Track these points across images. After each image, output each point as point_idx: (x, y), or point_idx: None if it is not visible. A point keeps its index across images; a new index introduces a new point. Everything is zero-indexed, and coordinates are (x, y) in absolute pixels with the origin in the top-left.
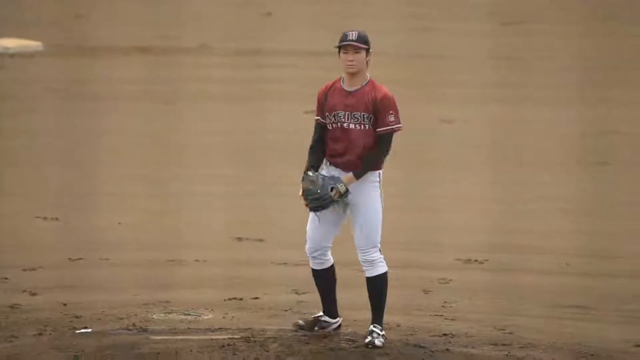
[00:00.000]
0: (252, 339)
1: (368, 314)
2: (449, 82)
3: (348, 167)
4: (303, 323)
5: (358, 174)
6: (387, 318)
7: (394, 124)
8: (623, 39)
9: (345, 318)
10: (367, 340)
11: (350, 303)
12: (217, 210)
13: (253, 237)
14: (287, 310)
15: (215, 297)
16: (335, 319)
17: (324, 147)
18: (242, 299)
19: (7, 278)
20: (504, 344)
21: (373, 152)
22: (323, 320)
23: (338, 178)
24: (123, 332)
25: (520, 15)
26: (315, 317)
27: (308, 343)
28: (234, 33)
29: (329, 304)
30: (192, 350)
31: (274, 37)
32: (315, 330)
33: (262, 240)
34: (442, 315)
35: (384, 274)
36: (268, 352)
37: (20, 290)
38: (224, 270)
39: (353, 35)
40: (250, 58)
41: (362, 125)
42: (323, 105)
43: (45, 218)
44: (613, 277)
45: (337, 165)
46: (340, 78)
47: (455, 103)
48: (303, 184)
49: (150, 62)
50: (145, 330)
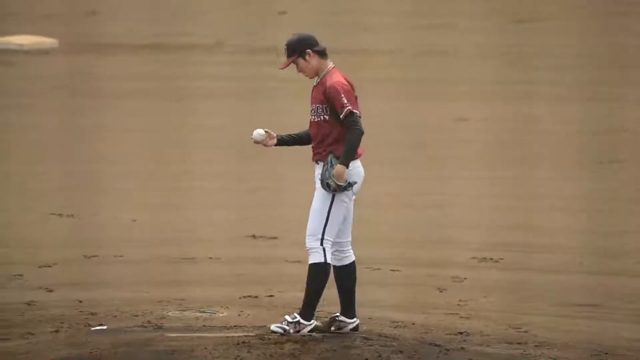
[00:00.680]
0: (267, 337)
1: (381, 312)
2: (460, 79)
3: (316, 159)
4: (320, 324)
5: (343, 162)
6: (401, 316)
7: (347, 105)
8: (633, 37)
9: (358, 315)
10: (272, 327)
11: (363, 300)
12: (229, 208)
13: (267, 234)
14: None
15: (230, 294)
16: (352, 319)
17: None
18: (257, 297)
19: (22, 275)
20: (519, 343)
21: (347, 139)
22: (340, 320)
23: (331, 172)
24: (138, 329)
25: (530, 13)
26: (333, 316)
27: (322, 341)
28: (248, 31)
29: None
30: (207, 348)
31: (286, 35)
32: (332, 330)
33: (275, 238)
34: (457, 314)
35: (314, 265)
36: (283, 350)
37: (36, 287)
38: (238, 268)
39: (284, 50)
40: (263, 56)
41: (320, 117)
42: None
43: (61, 215)
44: (626, 275)
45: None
46: None
47: (466, 101)
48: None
49: (162, 59)
50: (161, 328)
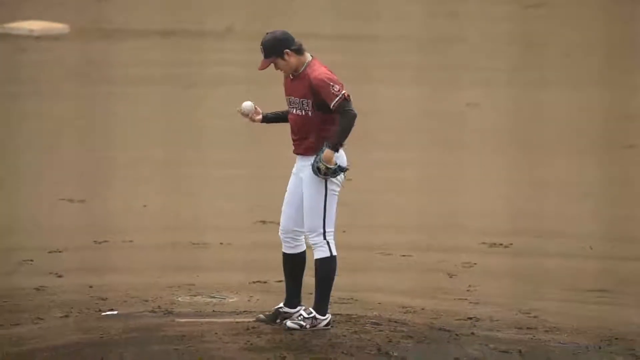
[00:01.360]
0: (277, 322)
1: (391, 297)
2: (472, 66)
3: (298, 152)
4: (264, 317)
5: (332, 146)
6: (411, 301)
7: (339, 92)
8: None
9: (369, 301)
10: (288, 323)
11: (373, 286)
12: (239, 193)
13: (277, 220)
14: (311, 293)
15: (240, 280)
16: (295, 309)
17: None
18: (266, 282)
19: (32, 260)
20: (529, 328)
21: (340, 124)
22: (284, 312)
23: (319, 156)
24: (148, 314)
25: None
26: (276, 308)
27: (332, 326)
28: (259, 17)
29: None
30: (217, 333)
31: (297, 21)
32: (277, 323)
33: None
34: (466, 299)
35: (321, 260)
36: (293, 335)
37: (46, 273)
38: (248, 253)
39: (262, 51)
40: None
41: (303, 111)
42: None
43: (71, 200)
44: (636, 260)
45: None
46: None
47: (479, 87)
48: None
49: (174, 45)
50: (171, 313)
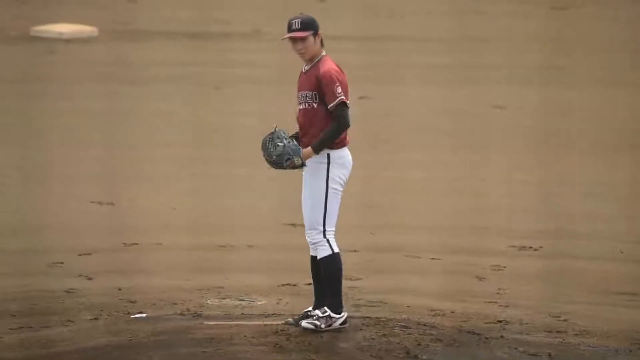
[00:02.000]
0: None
1: (420, 300)
2: (497, 65)
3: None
4: (293, 320)
5: (315, 147)
6: (440, 304)
7: (340, 95)
8: None
9: (397, 304)
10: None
11: (402, 288)
12: (270, 195)
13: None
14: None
15: (269, 282)
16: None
17: None
18: (295, 285)
19: (62, 263)
20: (559, 331)
21: (329, 127)
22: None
23: (299, 150)
24: (177, 317)
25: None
26: (305, 311)
27: (361, 329)
28: (286, 18)
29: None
30: (246, 336)
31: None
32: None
33: None
34: (496, 302)
35: (324, 259)
36: (322, 337)
37: (76, 275)
38: (278, 256)
39: (296, 24)
40: None
41: (308, 105)
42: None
43: (101, 203)
44: None
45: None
46: None
47: (504, 87)
48: (268, 137)
49: (201, 46)
50: (200, 316)
